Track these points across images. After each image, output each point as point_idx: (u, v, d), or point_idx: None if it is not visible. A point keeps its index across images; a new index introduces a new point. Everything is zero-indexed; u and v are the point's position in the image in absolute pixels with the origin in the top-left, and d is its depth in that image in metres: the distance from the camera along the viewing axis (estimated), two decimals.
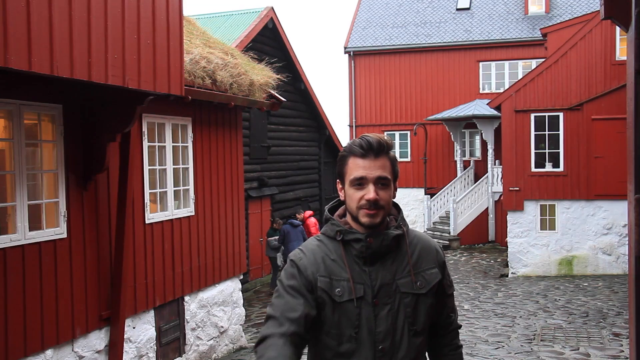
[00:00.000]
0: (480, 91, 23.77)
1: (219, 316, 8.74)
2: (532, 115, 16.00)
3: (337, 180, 2.25)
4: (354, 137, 25.62)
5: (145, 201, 7.13)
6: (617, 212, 15.37)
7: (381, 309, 2.14)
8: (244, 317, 9.55)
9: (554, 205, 15.98)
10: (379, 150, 2.13)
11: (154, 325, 7.31)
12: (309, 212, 14.83)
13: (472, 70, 24.01)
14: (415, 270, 2.20)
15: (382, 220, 2.16)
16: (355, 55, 25.43)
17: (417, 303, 2.18)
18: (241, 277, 9.66)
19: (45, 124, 5.74)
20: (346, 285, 2.14)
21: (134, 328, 6.94)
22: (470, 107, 21.70)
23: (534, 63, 22.17)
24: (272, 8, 15.46)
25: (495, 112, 18.20)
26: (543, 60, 17.25)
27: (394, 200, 2.29)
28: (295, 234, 13.68)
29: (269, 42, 15.43)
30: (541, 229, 16.13)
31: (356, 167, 2.13)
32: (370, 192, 2.11)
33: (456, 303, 5.80)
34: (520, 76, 21.16)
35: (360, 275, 2.15)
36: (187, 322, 8.02)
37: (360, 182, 2.13)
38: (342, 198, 2.23)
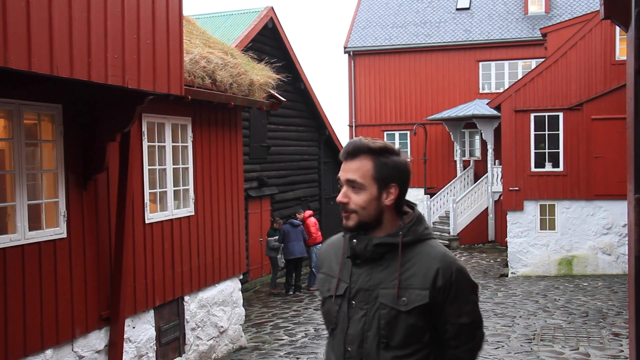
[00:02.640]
0: (480, 91, 23.78)
1: (218, 316, 8.74)
2: (532, 115, 16.01)
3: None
4: (353, 137, 25.71)
5: (145, 201, 7.13)
6: (617, 212, 15.37)
7: (355, 312, 2.15)
8: (244, 317, 9.55)
9: (554, 205, 15.99)
10: (353, 152, 2.12)
11: (153, 325, 7.31)
12: (308, 212, 14.82)
13: (471, 70, 24.01)
14: (403, 285, 2.09)
15: (358, 224, 2.13)
16: (355, 55, 25.43)
17: (396, 319, 2.08)
18: (241, 277, 9.66)
19: (45, 124, 5.74)
20: (334, 282, 2.21)
21: (133, 328, 6.94)
22: (470, 107, 21.71)
23: (533, 63, 22.17)
24: (272, 8, 15.46)
25: (495, 112, 18.20)
26: (543, 60, 17.25)
27: (414, 205, 2.25)
28: (295, 233, 13.67)
29: (268, 42, 15.43)
30: (541, 229, 16.13)
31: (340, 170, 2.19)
32: (339, 195, 2.15)
33: None
34: (520, 76, 21.16)
35: (347, 275, 2.19)
36: (187, 322, 8.02)
37: (340, 185, 2.17)
38: None
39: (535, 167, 16.09)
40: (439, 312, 2.10)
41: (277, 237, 13.61)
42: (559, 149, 15.88)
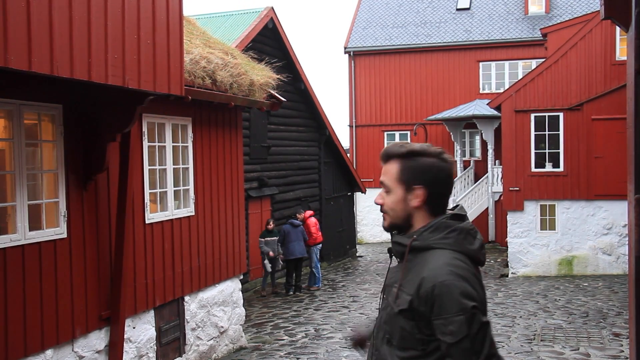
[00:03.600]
0: (480, 91, 23.78)
1: (219, 316, 8.74)
2: (532, 115, 16.01)
3: None
4: (353, 137, 25.76)
5: (145, 201, 7.13)
6: (617, 212, 15.37)
7: (382, 305, 2.30)
8: (244, 317, 9.55)
9: (554, 205, 15.99)
10: (387, 156, 2.26)
11: (154, 325, 7.31)
12: (309, 212, 14.81)
13: (472, 70, 24.01)
14: (402, 287, 2.14)
15: (391, 225, 2.25)
16: (355, 55, 25.43)
17: (392, 318, 2.15)
18: (241, 277, 9.66)
19: (45, 124, 5.74)
20: None
21: (134, 328, 6.94)
22: (470, 107, 21.71)
23: (534, 63, 22.17)
24: (272, 8, 15.46)
25: (495, 112, 18.20)
26: (543, 60, 17.26)
27: (461, 213, 2.19)
28: (295, 234, 13.65)
29: (269, 42, 15.42)
30: (541, 229, 16.13)
31: None
32: (377, 196, 2.29)
33: None
34: (520, 76, 21.16)
35: (388, 270, 2.37)
36: (187, 322, 8.02)
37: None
38: None
39: (536, 167, 16.09)
40: (430, 325, 2.04)
41: (268, 239, 13.41)
42: (559, 149, 15.88)
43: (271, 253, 13.26)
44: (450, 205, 2.26)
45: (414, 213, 2.18)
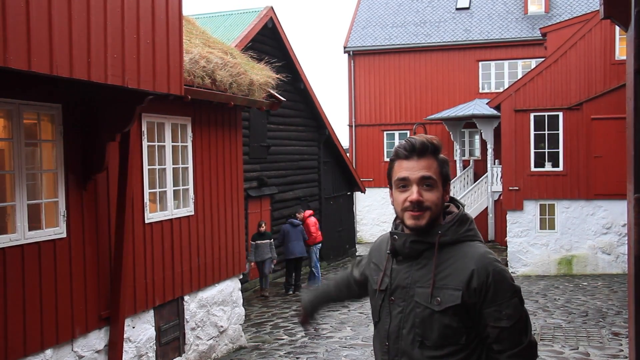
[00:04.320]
0: (480, 91, 23.78)
1: (218, 316, 8.74)
2: (532, 115, 16.01)
3: (388, 186, 2.25)
4: (353, 137, 25.76)
5: (145, 201, 7.13)
6: (617, 211, 15.38)
7: (394, 308, 2.18)
8: (244, 317, 9.55)
9: (554, 204, 15.99)
10: (422, 150, 2.11)
11: (153, 324, 7.31)
12: (308, 212, 14.80)
13: (471, 69, 24.01)
14: (438, 284, 2.09)
15: (429, 223, 2.11)
16: (355, 54, 25.43)
17: (430, 318, 2.08)
18: (241, 276, 9.66)
19: (45, 124, 5.74)
20: (380, 275, 2.25)
21: (133, 328, 6.94)
22: (469, 107, 21.71)
23: (533, 63, 22.18)
24: (272, 8, 15.45)
25: (494, 112, 18.20)
26: (542, 59, 17.26)
27: (460, 205, 2.24)
28: (295, 233, 13.63)
29: (268, 42, 15.42)
30: (541, 229, 16.14)
31: (400, 169, 2.13)
32: (413, 193, 2.09)
33: None
34: (519, 76, 21.17)
35: (391, 270, 2.22)
36: (187, 322, 8.02)
37: (404, 184, 2.12)
38: (391, 203, 2.22)
39: (535, 166, 16.10)
40: (478, 315, 2.07)
41: (259, 242, 12.93)
42: (558, 148, 15.89)
43: (252, 264, 12.92)
44: None
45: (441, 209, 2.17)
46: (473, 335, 2.10)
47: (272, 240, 13.34)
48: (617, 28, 14.29)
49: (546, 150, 16.07)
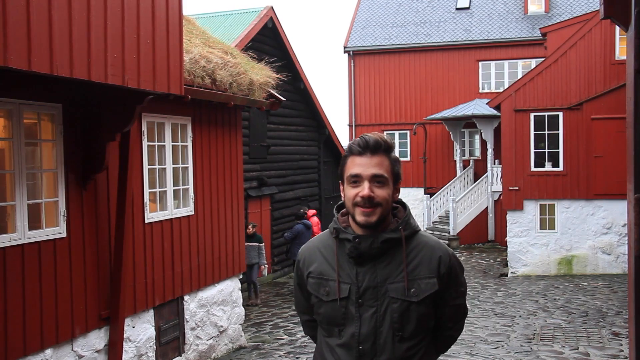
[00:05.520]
0: (480, 91, 23.77)
1: (218, 315, 8.74)
2: (532, 115, 16.01)
3: (340, 181, 2.26)
4: (353, 137, 25.74)
5: (145, 200, 7.13)
6: (617, 211, 15.38)
7: (365, 311, 2.16)
8: (244, 317, 9.55)
9: (554, 204, 15.99)
10: (375, 148, 2.13)
11: (153, 324, 7.31)
12: (312, 211, 14.73)
13: (471, 69, 24.00)
14: (411, 276, 2.15)
15: (379, 219, 2.14)
16: (355, 54, 25.42)
17: (408, 310, 2.14)
18: (240, 276, 9.66)
19: (45, 124, 5.74)
20: (333, 285, 2.20)
21: (133, 327, 6.94)
22: (469, 107, 21.71)
23: (533, 62, 22.17)
24: (272, 7, 15.46)
25: (494, 112, 18.20)
26: (543, 59, 17.25)
27: (404, 201, 2.30)
28: (306, 236, 13.13)
29: (268, 42, 15.42)
30: (541, 229, 16.13)
31: (353, 165, 2.15)
32: (364, 189, 2.12)
33: None
34: (519, 76, 21.16)
35: (349, 275, 2.19)
36: (187, 322, 8.02)
37: (355, 180, 2.14)
38: (343, 198, 2.23)
39: (535, 166, 16.09)
40: (440, 297, 2.20)
41: (247, 244, 11.68)
42: (558, 148, 15.88)
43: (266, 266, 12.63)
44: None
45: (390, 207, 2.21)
46: (433, 320, 2.25)
47: (262, 244, 12.56)
48: (617, 28, 14.29)
49: (546, 150, 16.06)
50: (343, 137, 24.24)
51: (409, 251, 2.18)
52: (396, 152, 2.75)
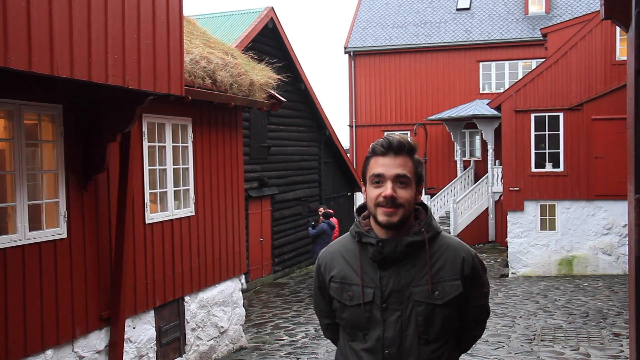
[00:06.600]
0: (481, 91, 23.77)
1: (219, 316, 8.74)
2: (532, 115, 16.00)
3: (362, 181, 2.26)
4: (354, 137, 25.75)
5: (145, 201, 7.13)
6: (617, 212, 15.37)
7: (390, 315, 2.15)
8: (244, 317, 9.55)
9: (554, 205, 15.98)
10: (399, 148, 2.13)
11: (154, 325, 7.31)
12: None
13: (472, 70, 24.01)
14: (435, 279, 2.14)
15: (401, 220, 2.13)
16: (355, 55, 25.43)
17: (432, 313, 2.13)
18: (242, 277, 9.65)
19: (45, 124, 5.74)
20: (357, 289, 2.18)
21: (134, 328, 6.94)
22: (470, 107, 21.71)
23: (534, 63, 22.17)
24: (272, 8, 15.46)
25: (495, 112, 18.20)
26: (543, 60, 17.25)
27: (425, 203, 2.29)
28: (328, 236, 13.05)
29: (269, 42, 15.43)
30: (541, 229, 16.13)
31: (376, 165, 2.15)
32: (387, 189, 2.11)
33: None
34: (520, 76, 21.16)
35: (372, 279, 2.17)
36: (187, 322, 8.02)
37: (378, 180, 2.13)
38: (364, 199, 2.23)
39: (536, 167, 16.08)
40: (464, 298, 2.19)
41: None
42: (559, 149, 15.87)
43: None
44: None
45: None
46: (458, 321, 2.24)
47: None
48: (618, 29, 14.28)
49: (547, 151, 16.06)
50: (343, 138, 24.26)
51: (432, 253, 2.16)
52: None
